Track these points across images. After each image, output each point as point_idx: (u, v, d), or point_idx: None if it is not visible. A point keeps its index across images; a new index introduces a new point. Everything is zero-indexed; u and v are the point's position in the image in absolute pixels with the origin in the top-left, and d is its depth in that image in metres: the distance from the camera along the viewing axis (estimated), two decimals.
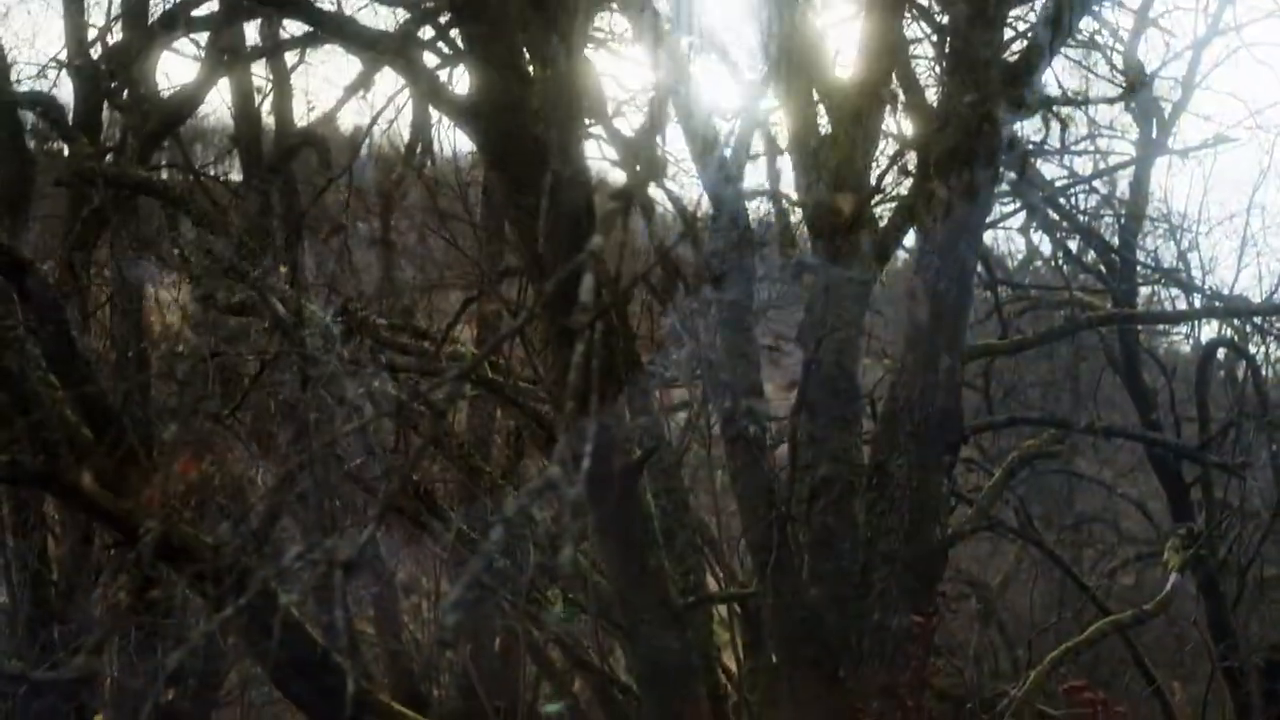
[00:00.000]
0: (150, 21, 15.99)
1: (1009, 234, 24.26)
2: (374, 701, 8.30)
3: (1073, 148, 18.12)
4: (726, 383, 9.55)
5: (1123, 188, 20.16)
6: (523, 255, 8.27)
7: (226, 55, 11.59)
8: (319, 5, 8.68)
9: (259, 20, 12.84)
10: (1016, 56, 10.35)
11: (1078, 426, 13.39)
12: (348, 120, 25.59)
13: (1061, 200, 17.62)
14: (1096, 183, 18.87)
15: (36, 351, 7.31)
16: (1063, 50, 14.87)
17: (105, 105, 19.26)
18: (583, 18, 7.71)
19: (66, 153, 16.71)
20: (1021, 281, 20.73)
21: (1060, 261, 20.59)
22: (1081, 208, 19.30)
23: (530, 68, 7.65)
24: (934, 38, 13.61)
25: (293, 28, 11.24)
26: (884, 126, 10.93)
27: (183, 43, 15.76)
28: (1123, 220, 19.77)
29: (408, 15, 8.22)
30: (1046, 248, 20.32)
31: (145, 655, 23.44)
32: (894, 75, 11.10)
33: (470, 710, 28.71)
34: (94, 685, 22.41)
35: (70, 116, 18.70)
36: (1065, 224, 18.51)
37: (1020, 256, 23.52)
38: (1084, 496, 32.86)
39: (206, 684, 25.19)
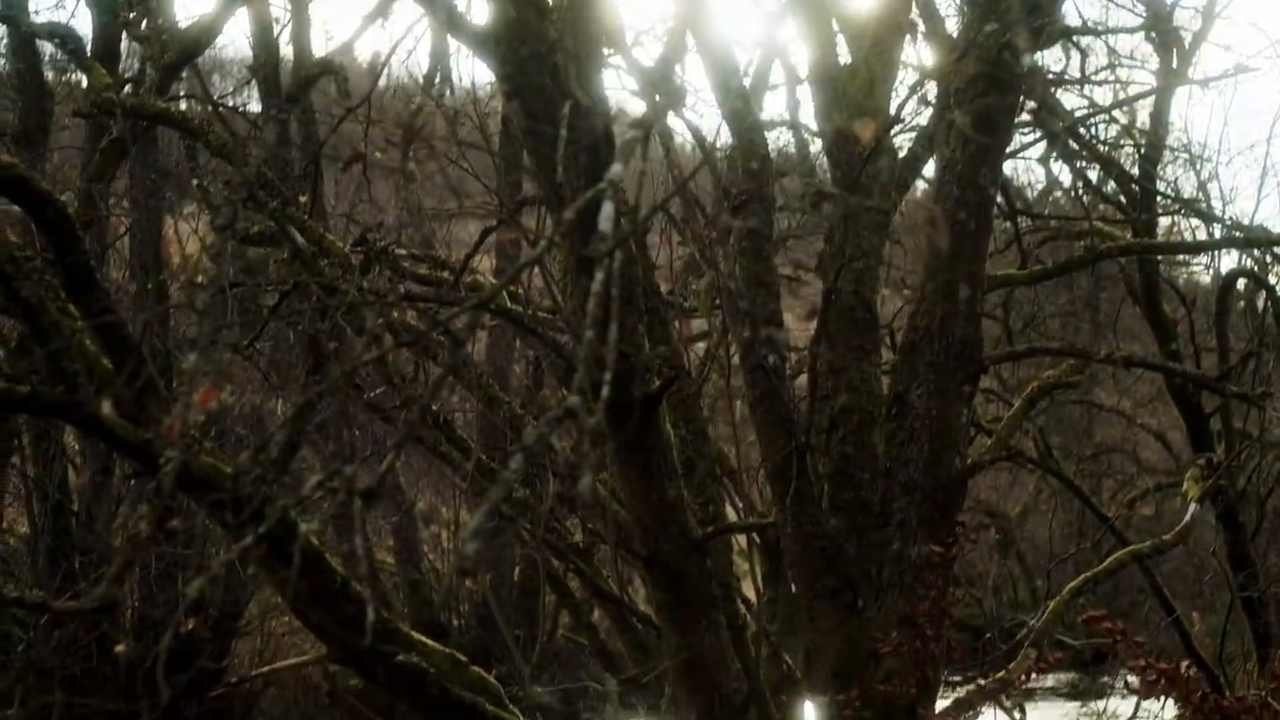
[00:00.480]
0: None
1: (1029, 164, 24.22)
2: (394, 630, 8.32)
3: (1093, 77, 18.02)
4: (746, 312, 9.54)
5: (1143, 118, 20.04)
6: (542, 185, 8.25)
7: None
8: None
9: None
10: None
11: (1097, 357, 13.35)
12: (366, 50, 25.53)
13: (1081, 130, 17.51)
14: (1116, 112, 18.74)
15: (56, 282, 7.31)
16: None
17: (123, 36, 19.25)
18: None
19: (85, 84, 16.70)
20: (1041, 212, 20.68)
21: (1080, 191, 20.54)
22: (1101, 138, 19.20)
23: None
24: None
25: None
26: (904, 56, 10.87)
27: None
28: (1143, 150, 19.68)
29: None
30: (1066, 178, 20.26)
31: (165, 585, 23.59)
32: (914, 4, 11.05)
33: (489, 639, 28.86)
34: (114, 615, 22.55)
35: (88, 47, 18.68)
36: (1085, 154, 18.42)
37: (1040, 186, 23.49)
38: (1103, 427, 32.92)
39: (227, 613, 25.33)
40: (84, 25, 20.38)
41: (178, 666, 21.50)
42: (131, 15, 15.34)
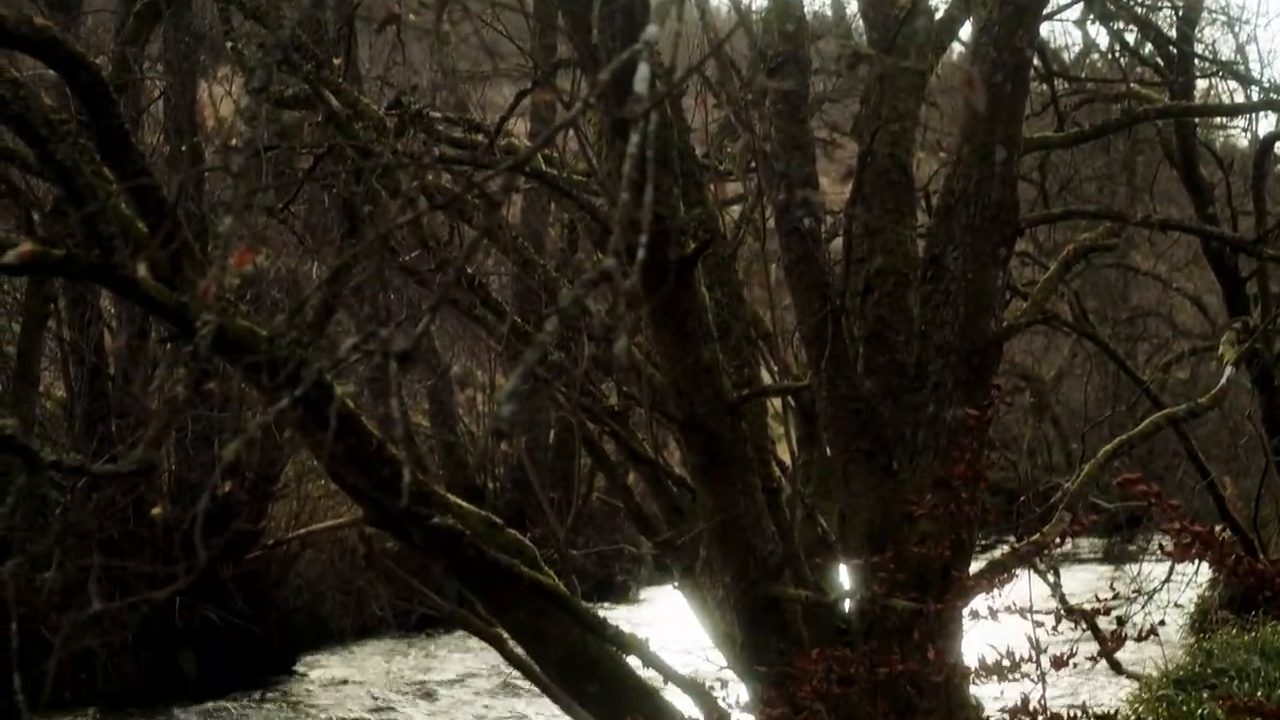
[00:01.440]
0: None
1: (1066, 26, 24.00)
2: (429, 493, 8.37)
3: None
4: (781, 175, 9.50)
5: None
6: (577, 46, 8.20)
7: None
8: None
9: None
10: None
11: (1133, 220, 13.28)
12: None
13: None
14: None
15: (90, 145, 7.30)
16: None
17: None
18: None
19: None
20: (1078, 74, 20.52)
21: (1117, 54, 20.38)
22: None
23: None
24: None
25: None
26: None
27: None
28: (1180, 12, 19.49)
29: None
30: (1103, 40, 20.15)
31: (202, 448, 23.75)
32: None
33: (524, 502, 29.01)
34: (151, 478, 22.72)
35: None
36: (1122, 15, 18.26)
37: (1077, 49, 23.32)
38: (1139, 291, 32.82)
39: (263, 476, 25.51)
40: None
41: (214, 529, 21.70)
42: None
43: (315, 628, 27.67)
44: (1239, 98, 20.94)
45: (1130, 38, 20.09)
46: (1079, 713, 8.01)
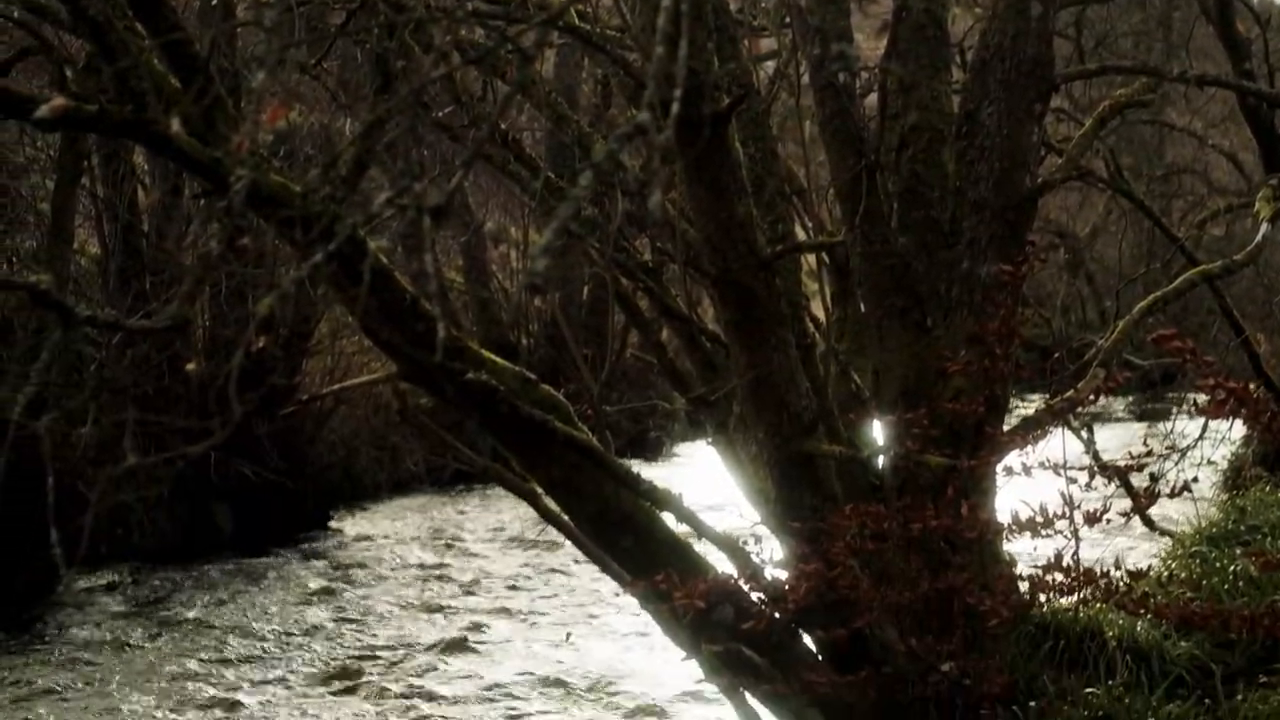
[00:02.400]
0: None
1: None
2: (463, 348, 8.37)
3: None
4: (815, 29, 9.42)
5: None
6: None
7: None
8: None
9: None
10: None
11: (1170, 75, 13.14)
12: None
13: None
14: None
15: (122, 0, 7.26)
16: None
17: None
18: None
19: None
20: None
21: None
22: None
23: None
24: None
25: None
26: None
27: None
28: None
29: None
30: None
31: (236, 304, 23.83)
32: None
33: (558, 358, 29.07)
34: (186, 334, 22.82)
35: None
36: None
37: None
38: (1174, 147, 32.65)
39: (297, 333, 25.61)
40: None
41: (249, 385, 21.69)
42: None
43: (349, 483, 27.89)
44: None
45: None
46: (1112, 569, 8.05)
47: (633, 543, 8.57)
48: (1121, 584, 7.99)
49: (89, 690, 16.02)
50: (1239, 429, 18.51)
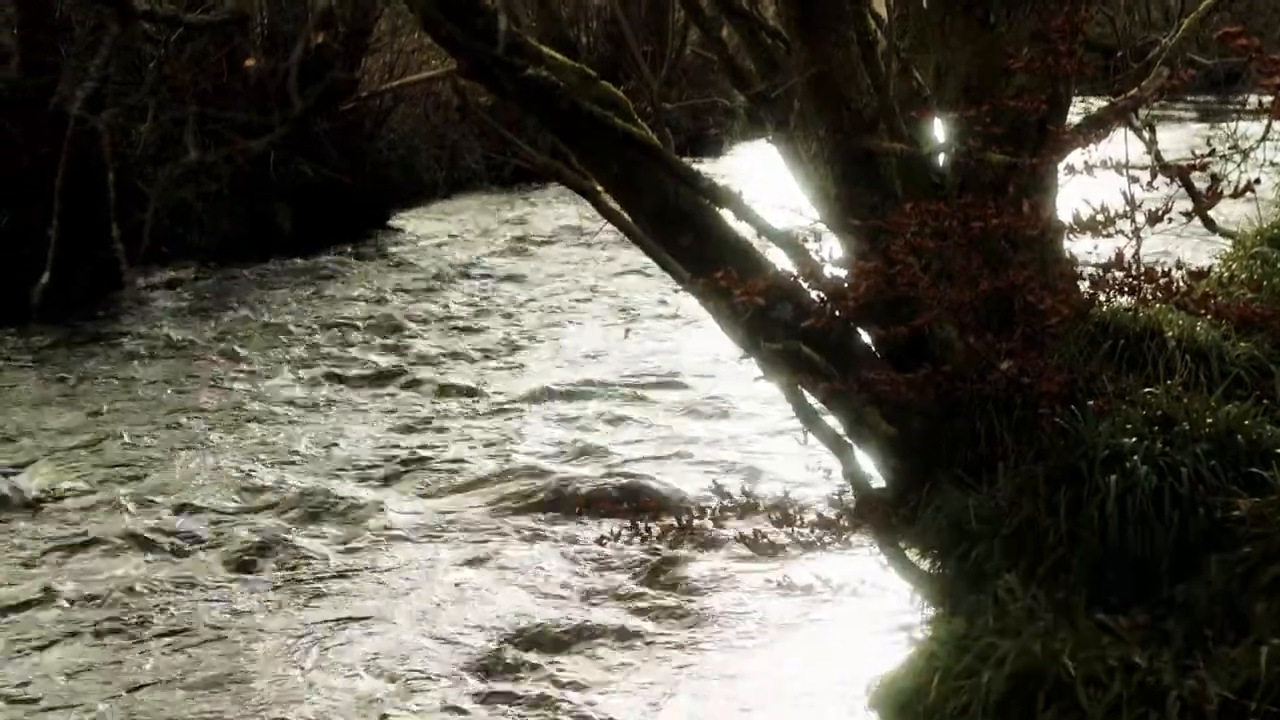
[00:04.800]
0: None
1: None
2: (523, 44, 8.31)
3: None
4: None
5: None
6: None
7: None
8: None
9: None
10: None
11: None
12: None
13: None
14: None
15: None
16: None
17: None
18: None
19: None
20: None
21: None
22: None
23: None
24: None
25: None
26: None
27: None
28: None
29: None
30: None
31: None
32: None
33: (618, 55, 28.87)
34: (245, 29, 22.72)
35: None
36: None
37: None
38: None
39: (356, 29, 25.47)
40: None
41: (308, 81, 21.75)
42: None
43: (409, 182, 27.94)
44: None
45: None
46: (1173, 269, 8.03)
47: (692, 240, 8.59)
48: (1182, 284, 7.98)
49: (148, 384, 16.27)
50: None
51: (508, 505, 12.30)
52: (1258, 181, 8.23)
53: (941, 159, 8.90)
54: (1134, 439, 7.68)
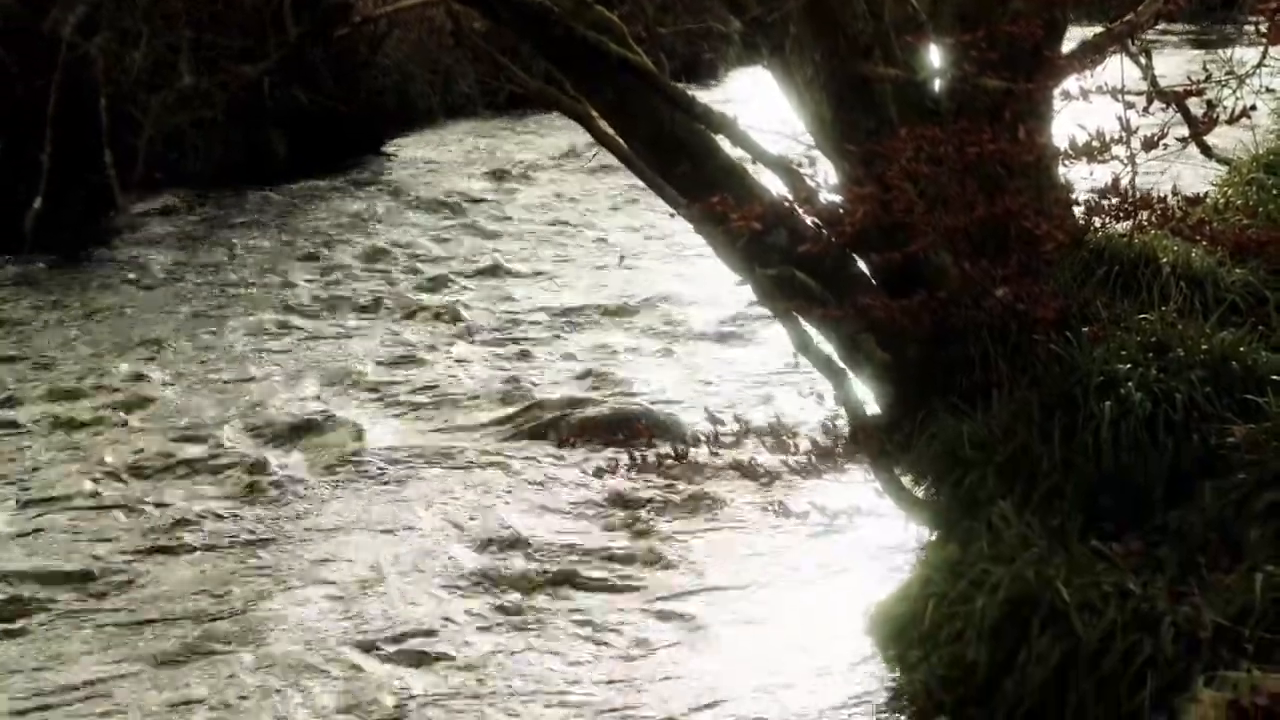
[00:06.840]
0: None
1: None
2: None
3: None
4: None
5: None
6: None
7: None
8: None
9: None
10: None
11: None
12: None
13: None
14: None
15: None
16: None
17: None
18: None
19: None
20: None
21: None
22: None
23: None
24: None
25: None
26: None
27: None
28: None
29: None
30: None
31: None
32: None
33: None
34: None
35: None
36: None
37: None
38: None
39: None
40: None
41: (303, 6, 21.68)
42: None
43: (403, 108, 27.79)
44: None
45: None
46: (1168, 195, 8.03)
47: (688, 167, 8.58)
48: (1177, 210, 7.98)
49: (143, 310, 16.24)
50: None
51: (504, 430, 12.31)
52: (1253, 108, 8.22)
53: (937, 84, 8.86)
54: (1128, 365, 7.69)
